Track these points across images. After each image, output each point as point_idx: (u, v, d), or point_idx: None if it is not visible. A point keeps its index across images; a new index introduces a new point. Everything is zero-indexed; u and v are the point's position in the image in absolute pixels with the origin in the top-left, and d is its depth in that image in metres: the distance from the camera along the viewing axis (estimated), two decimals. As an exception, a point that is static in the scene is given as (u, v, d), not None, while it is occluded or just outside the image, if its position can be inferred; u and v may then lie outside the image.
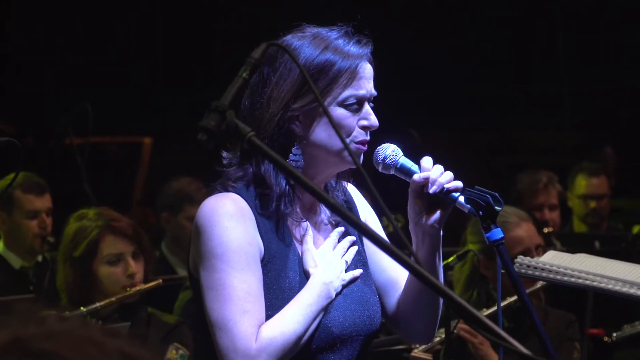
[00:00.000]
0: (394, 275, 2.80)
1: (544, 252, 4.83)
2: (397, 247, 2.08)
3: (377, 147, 2.72)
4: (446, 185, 2.66)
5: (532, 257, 3.18)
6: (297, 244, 2.65)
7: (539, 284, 4.61)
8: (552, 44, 9.44)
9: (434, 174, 2.67)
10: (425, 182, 2.66)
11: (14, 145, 3.17)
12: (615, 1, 9.27)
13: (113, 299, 4.33)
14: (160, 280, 4.43)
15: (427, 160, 2.69)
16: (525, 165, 7.18)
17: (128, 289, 4.36)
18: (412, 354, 4.32)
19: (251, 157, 2.64)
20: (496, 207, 2.71)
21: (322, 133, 2.63)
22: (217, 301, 2.52)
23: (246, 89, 2.43)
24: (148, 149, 9.42)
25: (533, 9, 9.46)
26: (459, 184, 2.68)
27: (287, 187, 2.61)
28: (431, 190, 2.66)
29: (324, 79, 2.59)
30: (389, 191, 2.76)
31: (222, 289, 2.52)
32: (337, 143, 2.62)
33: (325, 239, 2.71)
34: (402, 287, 2.78)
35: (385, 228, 6.41)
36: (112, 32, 8.72)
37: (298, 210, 2.66)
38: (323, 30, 2.67)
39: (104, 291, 4.36)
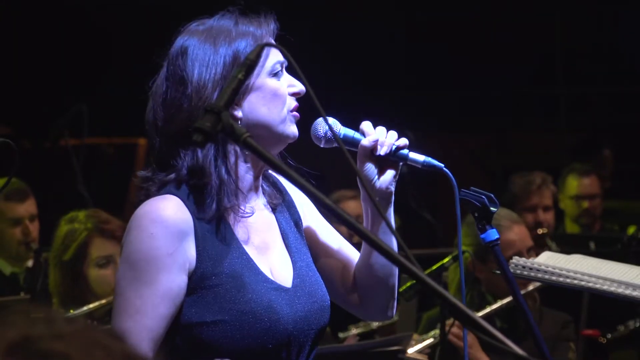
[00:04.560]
0: (346, 255, 2.75)
1: (537, 253, 4.85)
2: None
3: (312, 124, 2.67)
4: (395, 144, 2.64)
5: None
6: (239, 241, 2.56)
7: (531, 287, 4.62)
8: (549, 46, 9.45)
9: (381, 135, 2.65)
10: (375, 145, 2.64)
11: (10, 146, 3.17)
12: (612, 3, 9.28)
13: (104, 301, 4.32)
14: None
15: (367, 125, 2.67)
16: (521, 167, 7.18)
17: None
18: (407, 354, 4.32)
19: (179, 155, 2.55)
20: (491, 208, 2.71)
21: (261, 108, 2.57)
22: (113, 309, 2.51)
23: (240, 89, 2.40)
24: (143, 150, 9.41)
25: (530, 11, 9.47)
26: (406, 141, 2.66)
27: (227, 175, 2.53)
28: (382, 152, 2.63)
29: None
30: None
31: (119, 298, 2.49)
32: (276, 115, 2.58)
33: (265, 227, 2.64)
34: (355, 266, 2.74)
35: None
36: (108, 33, 8.72)
37: (240, 203, 2.58)
38: (216, 21, 2.64)
39: (94, 293, 4.36)
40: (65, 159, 5.91)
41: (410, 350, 4.40)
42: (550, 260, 3.17)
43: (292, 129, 2.62)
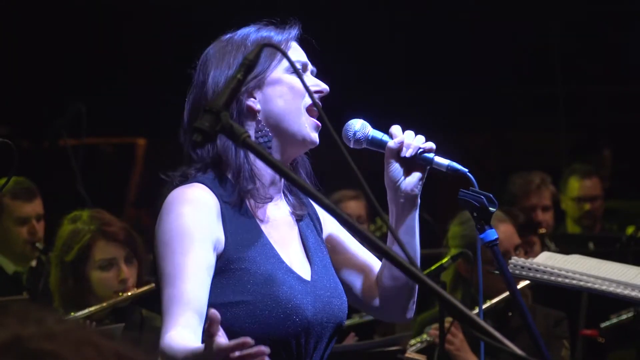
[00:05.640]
0: (366, 262, 2.83)
1: (525, 251, 4.85)
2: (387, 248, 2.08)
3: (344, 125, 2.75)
4: (421, 146, 2.72)
5: (510, 258, 3.19)
6: (264, 233, 2.65)
7: (521, 284, 4.60)
8: (547, 46, 9.45)
9: (408, 138, 2.72)
10: (400, 147, 2.71)
11: (8, 146, 3.17)
12: (610, 2, 9.28)
13: (105, 304, 4.32)
14: (153, 285, 4.40)
15: (396, 128, 2.75)
16: (520, 167, 7.18)
17: (120, 294, 4.35)
18: (407, 354, 4.33)
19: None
20: (490, 208, 2.72)
21: (277, 100, 2.68)
22: (162, 287, 2.55)
23: (240, 89, 2.44)
24: (142, 150, 9.42)
25: (528, 11, 9.47)
26: (432, 145, 2.73)
27: (246, 163, 2.64)
28: (407, 154, 2.71)
29: (265, 56, 2.64)
30: (383, 193, 2.77)
31: (161, 276, 2.55)
32: (293, 108, 2.68)
33: (287, 227, 2.72)
34: (378, 267, 2.80)
35: (379, 229, 6.42)
36: (106, 33, 8.71)
37: (259, 187, 2.66)
38: (243, 29, 2.76)
39: (96, 295, 4.34)
40: (64, 159, 5.91)
41: (410, 351, 4.40)
42: (549, 261, 3.18)
43: (313, 136, 2.70)
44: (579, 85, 9.55)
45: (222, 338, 2.23)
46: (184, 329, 2.42)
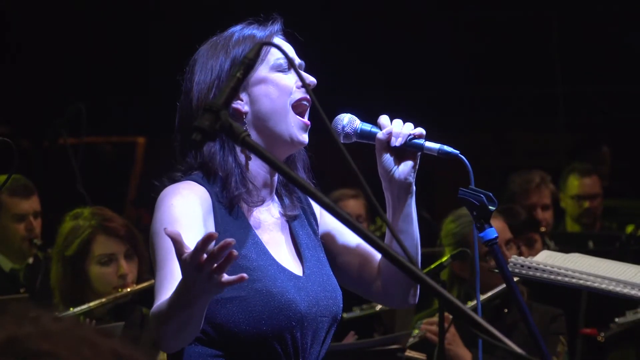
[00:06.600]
0: (366, 250, 2.82)
1: (517, 247, 4.85)
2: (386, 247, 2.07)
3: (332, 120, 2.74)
4: (410, 133, 2.71)
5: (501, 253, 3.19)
6: (254, 230, 2.67)
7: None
8: (547, 46, 9.46)
9: (396, 127, 2.72)
10: (390, 137, 2.71)
11: (9, 145, 3.17)
12: (610, 3, 9.28)
13: (104, 299, 4.32)
14: (153, 281, 4.41)
15: (384, 118, 2.75)
16: (519, 167, 7.18)
17: (120, 290, 4.35)
18: (407, 353, 4.33)
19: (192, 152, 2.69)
20: (490, 207, 2.72)
21: (264, 100, 2.68)
22: (155, 273, 2.56)
23: (239, 88, 2.44)
24: (142, 149, 9.42)
25: (527, 10, 9.48)
26: (422, 130, 2.73)
27: (236, 167, 2.65)
28: (397, 143, 2.71)
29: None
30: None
31: (157, 262, 2.56)
32: (281, 105, 2.67)
33: (277, 227, 2.73)
34: (379, 257, 2.81)
35: (378, 229, 6.41)
36: (106, 33, 8.72)
37: (251, 191, 2.67)
38: (227, 31, 2.76)
39: (95, 291, 4.35)
40: (64, 159, 5.91)
41: (410, 350, 4.40)
42: (549, 259, 3.18)
43: (301, 136, 2.70)
44: (579, 85, 9.55)
45: (188, 253, 2.23)
46: None
